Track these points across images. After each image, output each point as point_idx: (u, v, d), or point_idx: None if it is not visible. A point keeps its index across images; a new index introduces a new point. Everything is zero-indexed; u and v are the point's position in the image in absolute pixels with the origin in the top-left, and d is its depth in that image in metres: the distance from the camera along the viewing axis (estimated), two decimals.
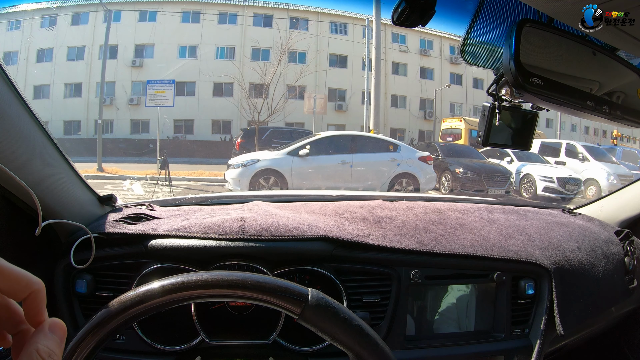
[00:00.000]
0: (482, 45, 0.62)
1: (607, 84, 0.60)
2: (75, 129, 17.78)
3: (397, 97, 20.96)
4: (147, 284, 0.49)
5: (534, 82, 0.51)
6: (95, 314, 0.48)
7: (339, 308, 0.47)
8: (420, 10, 0.54)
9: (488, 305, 0.96)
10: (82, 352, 0.47)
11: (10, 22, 16.91)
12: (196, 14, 18.66)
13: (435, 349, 0.90)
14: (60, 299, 0.79)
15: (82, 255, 0.78)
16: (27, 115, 0.67)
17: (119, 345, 0.81)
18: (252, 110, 11.88)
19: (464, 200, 1.32)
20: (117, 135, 17.30)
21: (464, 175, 8.03)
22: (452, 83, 21.02)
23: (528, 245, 0.98)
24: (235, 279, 0.48)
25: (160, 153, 9.39)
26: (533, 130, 0.68)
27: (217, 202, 1.14)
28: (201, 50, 18.56)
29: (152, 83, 10.69)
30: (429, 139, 18.82)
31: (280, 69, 13.20)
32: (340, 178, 6.77)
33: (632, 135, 19.16)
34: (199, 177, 9.57)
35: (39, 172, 0.73)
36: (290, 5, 19.02)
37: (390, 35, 19.94)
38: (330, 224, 0.91)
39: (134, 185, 7.29)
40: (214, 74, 16.77)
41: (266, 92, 12.91)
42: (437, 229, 0.98)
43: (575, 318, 0.96)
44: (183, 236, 0.82)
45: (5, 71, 0.62)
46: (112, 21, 14.55)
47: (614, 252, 1.09)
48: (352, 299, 0.86)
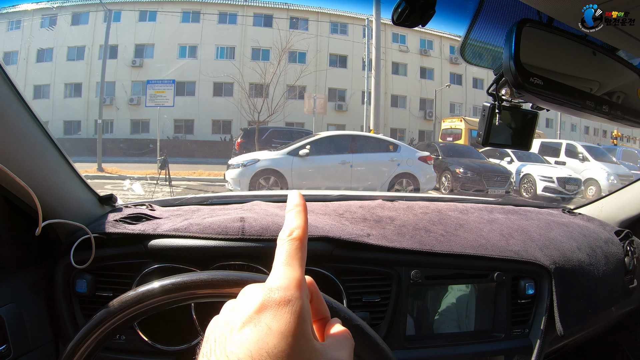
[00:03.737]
0: (482, 45, 0.62)
1: (607, 84, 0.60)
2: (75, 129, 17.78)
3: (397, 97, 20.96)
4: (147, 284, 0.49)
5: (534, 82, 0.51)
6: (96, 314, 0.48)
7: (339, 308, 0.47)
8: (420, 10, 0.54)
9: (488, 305, 0.96)
10: (83, 352, 0.47)
11: (10, 22, 16.91)
12: (196, 14, 18.66)
13: (435, 349, 0.90)
14: (60, 299, 0.79)
15: (82, 255, 0.78)
16: (27, 115, 0.67)
17: (119, 345, 0.81)
18: (252, 110, 11.88)
19: (464, 200, 1.32)
20: (117, 135, 17.30)
21: (464, 175, 8.03)
22: (452, 83, 21.03)
23: (528, 245, 0.98)
24: (236, 278, 0.48)
25: (160, 153, 9.39)
26: (533, 130, 0.68)
27: (217, 202, 1.14)
28: (201, 50, 18.56)
29: (152, 83, 10.70)
30: (429, 139, 18.83)
31: (280, 69, 13.21)
32: (340, 178, 6.77)
33: (632, 135, 19.16)
34: (199, 177, 9.57)
35: (39, 172, 0.73)
36: (290, 5, 19.03)
37: (390, 35, 19.94)
38: (330, 224, 0.91)
39: (134, 185, 7.29)
40: (214, 74, 16.78)
41: (266, 92, 12.91)
42: (437, 229, 0.98)
43: (575, 318, 0.96)
44: (183, 236, 0.82)
45: (5, 71, 0.62)
46: (112, 21, 14.57)
47: (614, 252, 1.09)
48: (352, 298, 0.86)
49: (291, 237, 0.32)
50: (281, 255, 0.31)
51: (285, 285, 0.29)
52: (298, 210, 0.34)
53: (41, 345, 0.75)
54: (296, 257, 0.31)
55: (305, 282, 0.31)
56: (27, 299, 0.75)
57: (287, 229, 0.32)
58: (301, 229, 0.32)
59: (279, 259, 0.31)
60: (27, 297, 0.75)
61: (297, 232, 0.32)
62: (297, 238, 0.32)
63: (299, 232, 0.32)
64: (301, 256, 0.31)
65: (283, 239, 0.32)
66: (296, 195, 0.35)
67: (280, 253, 0.31)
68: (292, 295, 0.29)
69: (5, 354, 0.66)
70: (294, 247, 0.31)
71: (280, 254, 0.31)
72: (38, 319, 0.76)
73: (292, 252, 0.31)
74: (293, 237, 0.32)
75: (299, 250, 0.31)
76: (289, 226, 0.32)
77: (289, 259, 0.31)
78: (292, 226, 0.32)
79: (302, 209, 0.34)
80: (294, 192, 0.35)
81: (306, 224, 0.33)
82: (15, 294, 0.73)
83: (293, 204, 0.34)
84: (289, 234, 0.32)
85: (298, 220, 0.33)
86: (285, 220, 0.33)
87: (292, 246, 0.31)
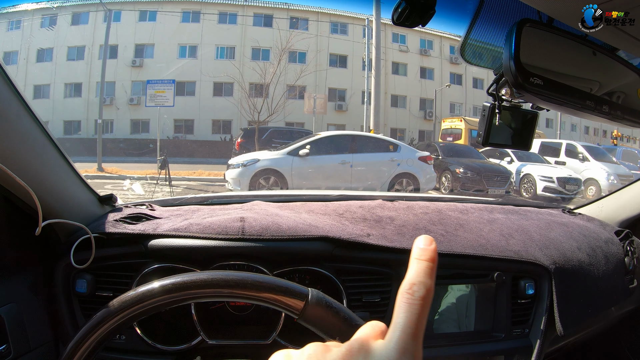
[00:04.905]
0: (482, 45, 0.62)
1: (607, 84, 0.60)
2: (75, 129, 17.78)
3: (397, 97, 20.96)
4: (147, 284, 0.49)
5: (534, 82, 0.51)
6: (96, 314, 0.48)
7: (339, 308, 0.47)
8: (420, 10, 0.54)
9: (488, 305, 0.96)
10: (83, 352, 0.47)
11: (10, 22, 16.91)
12: (196, 14, 18.66)
13: (435, 349, 0.90)
14: (60, 299, 0.79)
15: (82, 255, 0.78)
16: (27, 115, 0.67)
17: (119, 345, 0.81)
18: (252, 110, 11.87)
19: (464, 200, 1.32)
20: (117, 135, 17.30)
21: (464, 175, 8.03)
22: (452, 83, 21.03)
23: (528, 245, 0.98)
24: (235, 278, 0.48)
25: (160, 153, 9.39)
26: (533, 130, 0.68)
27: (217, 202, 1.14)
28: (201, 50, 18.56)
29: (152, 83, 10.69)
30: (429, 138, 18.82)
31: (280, 68, 13.20)
32: (340, 178, 6.77)
33: (632, 135, 19.16)
34: (199, 177, 9.57)
35: (39, 172, 0.73)
36: (290, 5, 19.03)
37: (390, 35, 19.94)
38: (330, 223, 0.91)
39: (134, 185, 7.28)
40: (214, 73, 16.77)
41: (266, 92, 12.91)
42: (437, 229, 0.98)
43: (575, 318, 0.96)
44: (183, 236, 0.82)
45: (5, 71, 0.62)
46: (112, 21, 14.56)
47: (614, 252, 1.09)
48: (352, 298, 0.86)
49: (425, 300, 0.27)
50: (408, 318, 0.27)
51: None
52: (431, 267, 0.29)
53: (41, 345, 0.75)
54: (423, 329, 0.27)
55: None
56: (27, 299, 0.75)
57: (421, 286, 0.28)
58: (431, 292, 0.28)
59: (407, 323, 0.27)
60: (27, 297, 0.75)
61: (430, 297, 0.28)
62: (428, 304, 0.28)
63: (431, 296, 0.28)
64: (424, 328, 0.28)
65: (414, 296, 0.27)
66: (431, 247, 0.29)
67: (408, 315, 0.27)
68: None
69: (5, 354, 0.66)
70: (425, 314, 0.27)
71: (407, 316, 0.27)
72: (38, 319, 0.76)
73: (421, 322, 0.27)
74: (427, 300, 0.27)
75: (426, 319, 0.28)
76: (423, 283, 0.28)
77: (417, 330, 0.27)
78: (426, 285, 0.28)
79: (434, 265, 0.29)
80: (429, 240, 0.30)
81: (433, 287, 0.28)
82: (15, 294, 0.73)
83: (428, 257, 0.29)
84: (425, 294, 0.27)
85: (430, 280, 0.28)
86: (417, 270, 0.28)
87: (423, 313, 0.27)
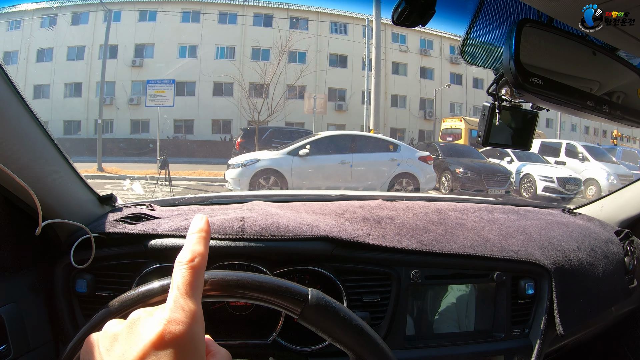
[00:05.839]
0: (482, 45, 0.62)
1: (607, 84, 0.60)
2: (75, 129, 17.79)
3: (397, 97, 20.96)
4: (147, 284, 0.49)
5: (534, 82, 0.51)
6: (96, 314, 0.48)
7: (339, 308, 0.47)
8: (420, 10, 0.54)
9: (488, 305, 0.96)
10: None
11: (10, 22, 16.92)
12: (196, 14, 18.67)
13: (435, 349, 0.90)
14: (60, 299, 0.79)
15: (82, 255, 0.78)
16: (27, 115, 0.67)
17: None
18: (252, 110, 11.88)
19: (464, 200, 1.32)
20: (117, 135, 17.31)
21: (464, 175, 8.03)
22: (452, 83, 21.04)
23: (528, 245, 0.98)
24: (235, 278, 0.48)
25: (160, 153, 9.40)
26: (533, 130, 0.68)
27: (217, 202, 1.14)
28: (201, 50, 18.57)
29: (152, 83, 10.69)
30: (429, 138, 18.84)
31: (280, 68, 13.21)
32: (340, 178, 6.78)
33: (632, 135, 19.17)
34: (199, 177, 9.57)
35: (39, 172, 0.73)
36: (290, 5, 19.03)
37: (390, 35, 19.94)
38: (330, 223, 0.91)
39: (134, 185, 7.29)
40: (214, 73, 16.79)
41: (266, 92, 12.91)
42: (437, 228, 0.98)
43: (575, 318, 0.96)
44: (183, 236, 0.82)
45: (5, 71, 0.62)
46: (112, 21, 14.57)
47: (614, 252, 1.09)
48: (352, 298, 0.86)
49: (192, 263, 0.30)
50: (180, 281, 0.30)
51: (187, 320, 0.28)
52: (202, 236, 0.32)
53: (41, 345, 0.75)
54: (197, 287, 0.30)
55: (202, 317, 0.30)
56: (27, 299, 0.75)
57: (188, 253, 0.31)
58: (203, 257, 0.31)
59: (178, 286, 0.30)
60: (27, 297, 0.75)
61: (199, 260, 0.31)
62: (198, 267, 0.31)
63: (200, 260, 0.31)
64: (200, 286, 0.30)
65: (183, 262, 0.30)
66: (202, 220, 0.34)
67: (179, 279, 0.30)
68: (193, 332, 0.28)
69: (5, 354, 0.66)
70: (195, 275, 0.30)
71: (179, 279, 0.30)
72: (38, 319, 0.76)
73: (193, 282, 0.30)
74: (194, 264, 0.30)
75: (200, 279, 0.30)
76: (191, 251, 0.31)
77: (189, 288, 0.30)
78: (195, 252, 0.31)
79: (206, 235, 0.33)
80: (200, 216, 0.34)
81: (207, 252, 0.32)
82: (15, 294, 0.73)
83: (198, 228, 0.33)
84: (190, 259, 0.31)
85: (200, 247, 0.32)
86: (187, 243, 0.32)
87: (193, 275, 0.30)
